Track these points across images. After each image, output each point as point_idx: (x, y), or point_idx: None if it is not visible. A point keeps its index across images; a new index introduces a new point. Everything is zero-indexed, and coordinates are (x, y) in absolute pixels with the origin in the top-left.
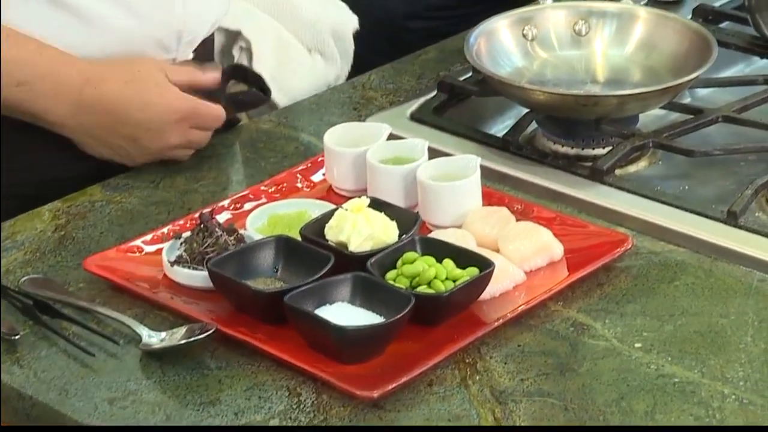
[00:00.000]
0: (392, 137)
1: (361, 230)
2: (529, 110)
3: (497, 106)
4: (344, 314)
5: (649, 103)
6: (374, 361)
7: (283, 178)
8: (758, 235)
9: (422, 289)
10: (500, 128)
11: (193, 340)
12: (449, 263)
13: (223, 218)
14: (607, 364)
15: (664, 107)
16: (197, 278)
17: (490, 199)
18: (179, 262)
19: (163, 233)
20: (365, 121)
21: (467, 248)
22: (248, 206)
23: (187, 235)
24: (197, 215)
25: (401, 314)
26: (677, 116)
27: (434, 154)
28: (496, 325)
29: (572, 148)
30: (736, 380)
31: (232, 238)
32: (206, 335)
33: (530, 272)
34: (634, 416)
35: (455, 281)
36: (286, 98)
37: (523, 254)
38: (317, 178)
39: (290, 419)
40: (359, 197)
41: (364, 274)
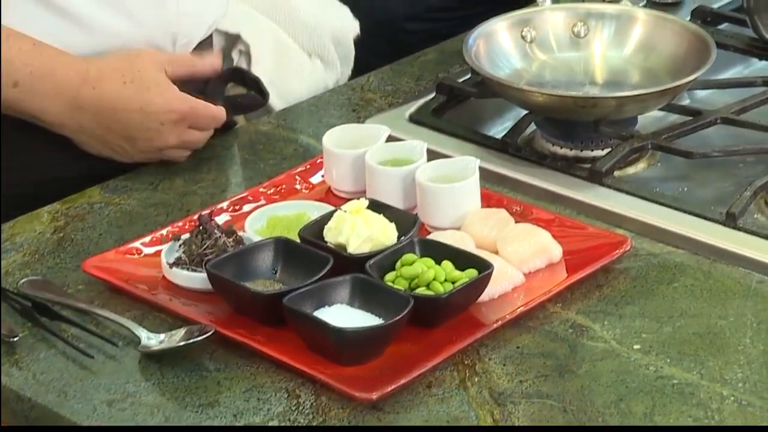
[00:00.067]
0: (391, 139)
1: (360, 232)
2: (527, 112)
3: (496, 107)
4: (343, 316)
5: (647, 104)
6: (373, 362)
7: (281, 179)
8: (757, 236)
9: (421, 290)
10: (499, 130)
11: (192, 341)
12: (448, 265)
13: (222, 220)
14: (606, 365)
15: (662, 109)
16: (196, 280)
17: (488, 200)
18: (178, 263)
19: (162, 235)
20: (364, 122)
21: (466, 250)
22: (247, 208)
23: (186, 236)
24: (196, 217)
25: (400, 316)
26: (676, 118)
27: (433, 155)
28: (494, 326)
29: (571, 149)
30: (734, 382)
31: (230, 239)
32: (205, 337)
33: (529, 274)
34: (632, 418)
35: (454, 283)
36: (283, 102)
37: (521, 256)
38: (316, 179)
39: (289, 421)
40: (358, 199)
41: (362, 275)
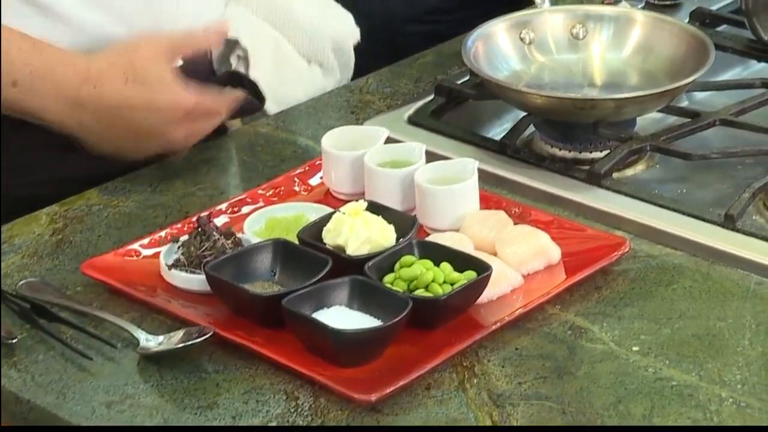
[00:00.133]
0: (390, 141)
1: (358, 233)
2: (526, 114)
3: (495, 109)
4: (342, 318)
5: (646, 106)
6: (372, 364)
7: (280, 181)
8: (756, 238)
9: (420, 292)
10: (498, 132)
11: (190, 343)
12: (447, 267)
13: (220, 222)
14: (604, 367)
15: (661, 110)
16: (195, 282)
17: (487, 202)
18: (177, 265)
19: (160, 237)
20: (363, 124)
21: (465, 252)
22: (246, 210)
23: (184, 238)
24: (195, 219)
25: (399, 318)
26: (675, 119)
27: (432, 157)
28: (493, 328)
29: (570, 151)
30: (733, 383)
31: (229, 241)
32: (204, 339)
33: (528, 276)
34: (631, 420)
35: (453, 285)
36: (280, 108)
37: (520, 258)
38: (315, 181)
39: (288, 422)
40: (357, 201)
41: (361, 277)
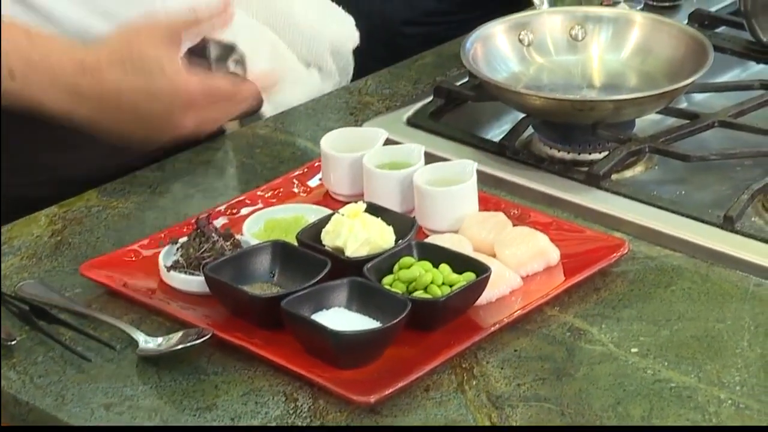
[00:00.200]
0: (389, 142)
1: (357, 235)
2: (525, 115)
3: (494, 111)
4: (341, 319)
5: (645, 108)
6: (371, 366)
7: (279, 183)
8: (754, 239)
9: (419, 294)
10: (497, 133)
11: (189, 345)
12: (446, 268)
13: (219, 223)
14: (603, 369)
15: (660, 112)
16: (194, 283)
17: (486, 204)
18: (176, 267)
19: (159, 238)
20: (362, 126)
21: (464, 253)
22: (245, 211)
23: (183, 240)
24: (194, 220)
25: (398, 319)
26: (673, 121)
27: (431, 159)
28: (492, 330)
29: (569, 153)
30: (732, 385)
31: (228, 243)
32: (203, 340)
33: (527, 277)
34: (630, 421)
35: (452, 286)
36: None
37: (519, 259)
38: (314, 183)
39: (287, 424)
40: (356, 202)
41: (360, 279)
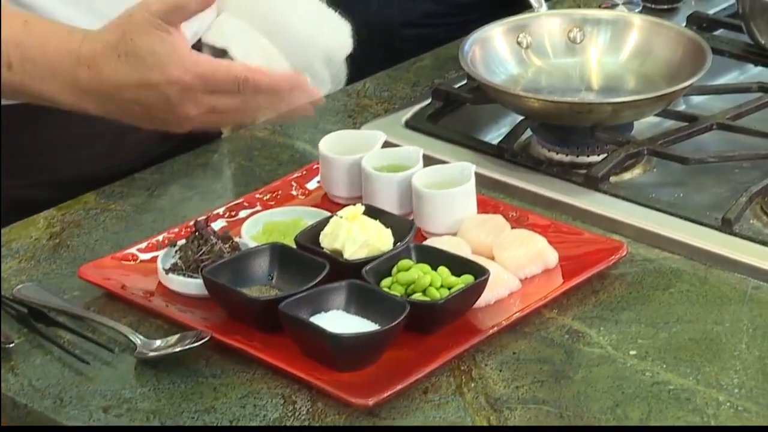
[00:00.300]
0: (387, 145)
1: (356, 238)
2: (523, 118)
3: (492, 113)
4: (339, 322)
5: (643, 110)
6: (369, 368)
7: (277, 185)
8: (753, 242)
9: (417, 296)
10: (495, 136)
11: (188, 348)
12: (444, 271)
13: (218, 226)
14: (602, 371)
15: (658, 114)
16: (192, 286)
17: (485, 206)
18: (174, 269)
19: (158, 241)
20: (360, 128)
21: (462, 256)
22: (243, 214)
23: (182, 242)
24: (192, 223)
25: (396, 322)
26: (672, 123)
27: (429, 161)
28: (491, 332)
29: (567, 155)
30: (731, 387)
31: (227, 245)
32: (201, 343)
33: (525, 279)
34: (628, 423)
35: (450, 289)
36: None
37: (518, 262)
38: (312, 185)
39: (285, 427)
40: (354, 205)
41: (359, 281)
